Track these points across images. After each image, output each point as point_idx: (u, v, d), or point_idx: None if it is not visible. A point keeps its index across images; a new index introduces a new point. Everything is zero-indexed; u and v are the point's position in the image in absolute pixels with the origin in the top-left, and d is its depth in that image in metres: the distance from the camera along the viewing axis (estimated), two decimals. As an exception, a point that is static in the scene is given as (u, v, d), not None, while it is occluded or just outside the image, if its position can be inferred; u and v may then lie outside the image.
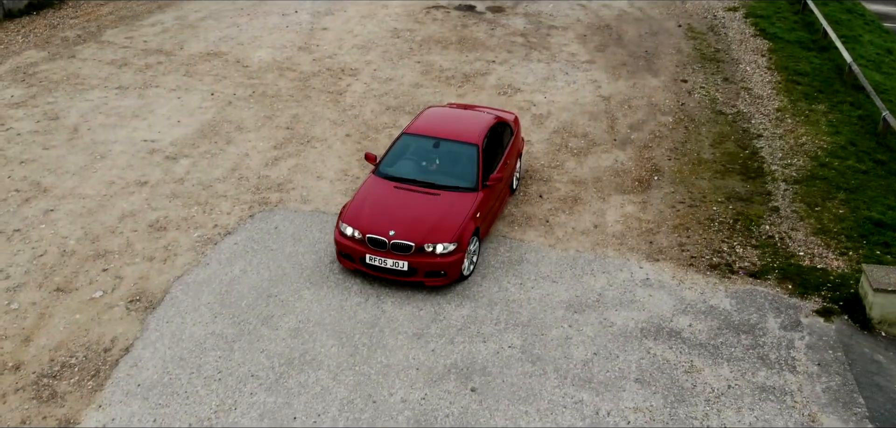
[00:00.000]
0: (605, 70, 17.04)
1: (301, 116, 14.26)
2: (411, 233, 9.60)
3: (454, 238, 9.60)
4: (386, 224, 9.71)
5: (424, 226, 9.69)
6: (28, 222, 10.82)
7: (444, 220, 9.79)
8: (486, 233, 10.65)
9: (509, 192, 11.77)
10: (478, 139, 10.88)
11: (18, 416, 7.70)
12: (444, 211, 9.91)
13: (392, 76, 16.19)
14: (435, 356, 8.70)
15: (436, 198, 10.14)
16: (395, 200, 10.11)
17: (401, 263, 9.52)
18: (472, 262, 10.07)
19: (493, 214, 10.85)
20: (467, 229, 9.79)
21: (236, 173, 12.27)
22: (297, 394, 8.11)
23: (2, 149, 12.72)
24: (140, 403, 7.91)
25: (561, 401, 8.15)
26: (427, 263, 9.49)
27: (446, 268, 9.54)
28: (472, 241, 9.90)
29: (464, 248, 9.65)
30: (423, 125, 11.36)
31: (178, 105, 14.48)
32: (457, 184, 10.41)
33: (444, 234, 9.62)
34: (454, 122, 11.49)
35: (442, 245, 9.51)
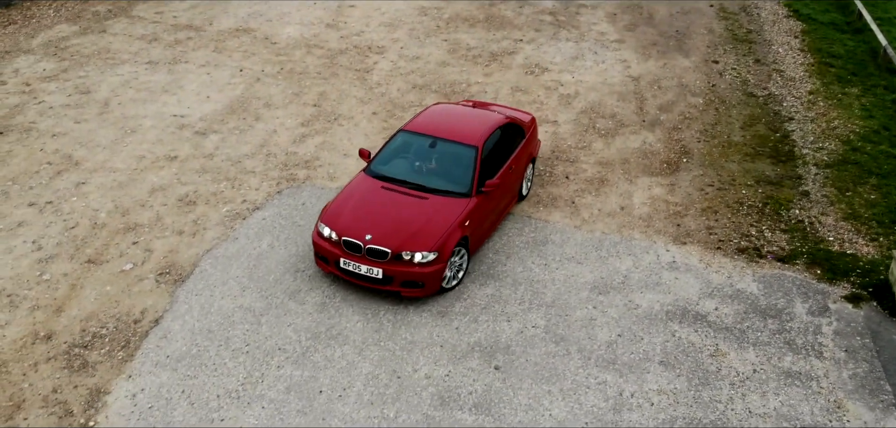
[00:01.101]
0: (635, 50, 16.87)
1: (328, 94, 14.31)
2: (389, 238, 8.96)
3: (434, 247, 8.92)
4: (364, 227, 9.10)
5: (404, 232, 9.03)
6: (60, 195, 11.00)
7: (427, 226, 9.11)
8: (479, 243, 9.92)
9: (516, 199, 11.07)
10: (477, 141, 10.14)
11: (50, 384, 7.88)
12: (428, 217, 9.23)
13: (419, 54, 16.17)
14: (459, 334, 8.74)
15: (423, 202, 9.47)
16: (379, 202, 9.50)
17: (375, 270, 8.91)
18: (455, 274, 9.38)
19: (489, 223, 10.09)
20: (451, 239, 9.08)
21: (264, 150, 12.37)
22: (323, 367, 8.20)
23: (34, 122, 12.93)
24: (169, 373, 8.06)
25: (584, 381, 8.17)
26: (403, 271, 8.84)
27: (424, 279, 8.88)
28: (457, 251, 9.24)
29: (445, 258, 8.97)
30: (422, 123, 10.63)
31: (207, 81, 14.61)
32: (448, 188, 9.71)
33: (423, 242, 8.95)
34: (456, 121, 10.69)
35: (421, 254, 8.86)
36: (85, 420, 7.48)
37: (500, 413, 7.74)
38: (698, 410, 7.86)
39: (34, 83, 14.28)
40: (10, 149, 12.12)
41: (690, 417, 7.78)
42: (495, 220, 10.36)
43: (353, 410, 7.71)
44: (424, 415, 7.68)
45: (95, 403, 7.68)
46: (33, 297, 9.08)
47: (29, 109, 13.33)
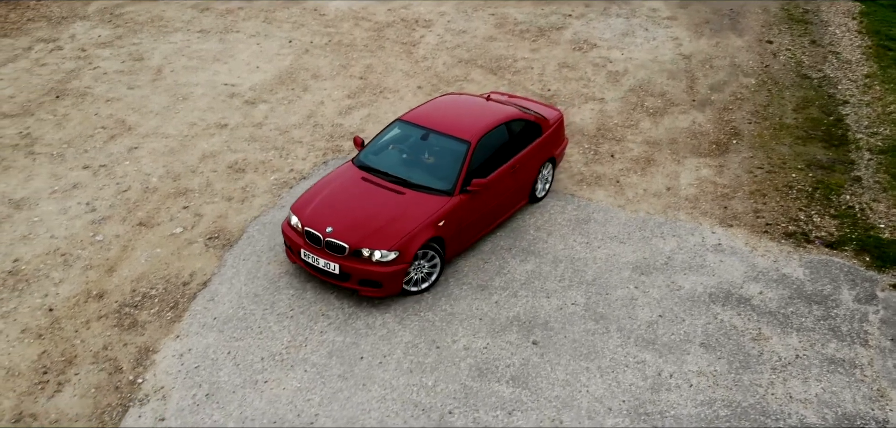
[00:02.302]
0: (687, 27, 16.57)
1: (374, 67, 14.40)
2: (349, 233, 8.51)
3: (395, 246, 8.41)
4: (328, 219, 8.70)
5: (367, 227, 8.56)
6: (113, 159, 11.33)
7: (393, 223, 8.60)
8: (462, 246, 9.34)
9: (526, 201, 10.46)
10: (471, 136, 9.45)
11: (101, 341, 8.17)
12: (398, 213, 8.73)
13: (465, 28, 16.14)
14: (498, 308, 8.80)
15: (398, 197, 8.96)
16: (352, 194, 9.06)
17: (333, 264, 8.51)
18: (425, 277, 8.90)
19: (478, 226, 9.51)
20: (417, 239, 8.55)
21: (311, 120, 12.53)
22: (364, 334, 8.35)
23: (89, 87, 13.29)
24: (216, 335, 8.29)
25: (623, 360, 8.16)
26: (361, 269, 8.39)
27: (382, 279, 8.39)
28: (424, 253, 8.73)
29: (407, 259, 8.47)
30: (420, 113, 10.06)
31: (257, 51, 14.81)
32: (430, 184, 9.14)
33: (384, 239, 8.44)
34: (455, 113, 10.02)
35: (380, 252, 8.37)
36: (133, 377, 7.75)
37: (537, 387, 7.79)
38: (738, 393, 7.81)
39: (90, 49, 14.66)
40: (66, 113, 12.50)
41: (729, 399, 7.73)
42: (488, 222, 9.72)
43: (392, 376, 7.84)
44: (462, 385, 7.77)
45: (144, 362, 7.95)
46: (87, 257, 9.39)
47: (84, 74, 13.71)
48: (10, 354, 7.91)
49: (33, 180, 10.75)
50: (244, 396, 7.56)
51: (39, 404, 7.40)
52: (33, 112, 12.49)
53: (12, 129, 12.00)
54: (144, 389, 7.63)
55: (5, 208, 10.13)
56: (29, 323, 8.34)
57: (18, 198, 10.36)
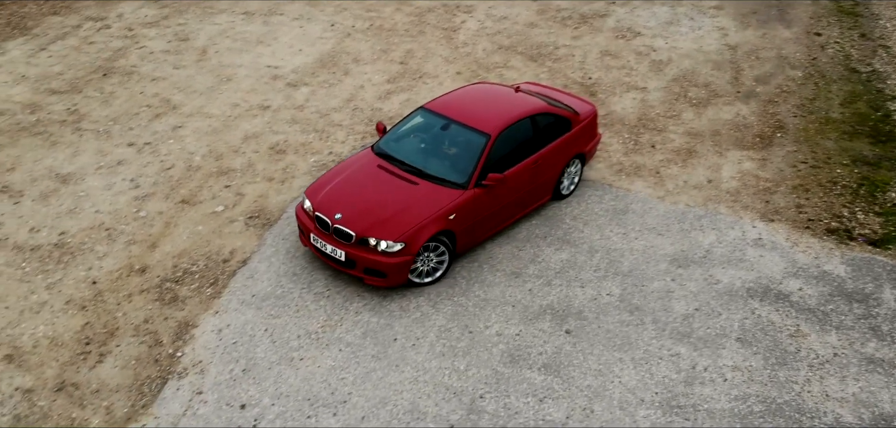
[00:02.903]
0: (734, 17, 16.28)
1: (415, 52, 14.44)
2: (357, 221, 8.47)
3: (401, 237, 8.34)
4: (339, 205, 8.68)
5: (375, 216, 8.50)
6: (158, 137, 11.56)
7: (402, 214, 8.51)
8: (475, 241, 9.22)
9: (549, 197, 10.21)
10: (491, 129, 9.24)
11: (142, 315, 8.38)
12: (409, 204, 8.63)
13: (507, 14, 16.07)
14: (531, 296, 8.80)
15: (412, 187, 8.86)
16: (366, 181, 9.01)
17: (339, 251, 8.50)
18: (431, 268, 8.81)
19: (494, 221, 9.36)
20: (425, 231, 8.44)
21: (351, 104, 12.63)
22: (398, 317, 8.43)
23: (136, 66, 13.57)
24: (254, 312, 8.44)
25: (657, 352, 8.11)
26: (366, 258, 8.36)
27: (387, 269, 8.34)
28: (432, 245, 8.64)
29: (413, 251, 8.39)
30: (444, 102, 9.89)
31: (300, 34, 14.96)
32: (445, 175, 9.00)
33: (391, 230, 8.37)
34: (478, 104, 9.81)
35: (386, 242, 8.31)
36: (173, 350, 7.94)
37: (569, 376, 7.79)
38: (773, 390, 7.71)
39: (136, 28, 14.95)
40: (113, 90, 12.78)
41: (764, 395, 7.64)
42: (505, 218, 9.55)
43: (425, 358, 7.91)
44: (494, 370, 7.81)
45: (183, 336, 8.13)
46: (130, 232, 9.62)
47: (131, 53, 14.00)
48: (54, 325, 8.16)
49: (80, 156, 11.03)
50: (280, 373, 7.70)
51: (81, 374, 7.63)
52: (81, 89, 12.81)
53: (60, 105, 12.32)
54: (183, 362, 7.81)
55: (53, 183, 10.42)
56: (73, 295, 8.58)
57: (65, 173, 10.65)
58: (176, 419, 7.19)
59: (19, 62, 13.63)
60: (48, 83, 12.95)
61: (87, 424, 7.10)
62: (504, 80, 13.43)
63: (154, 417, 7.20)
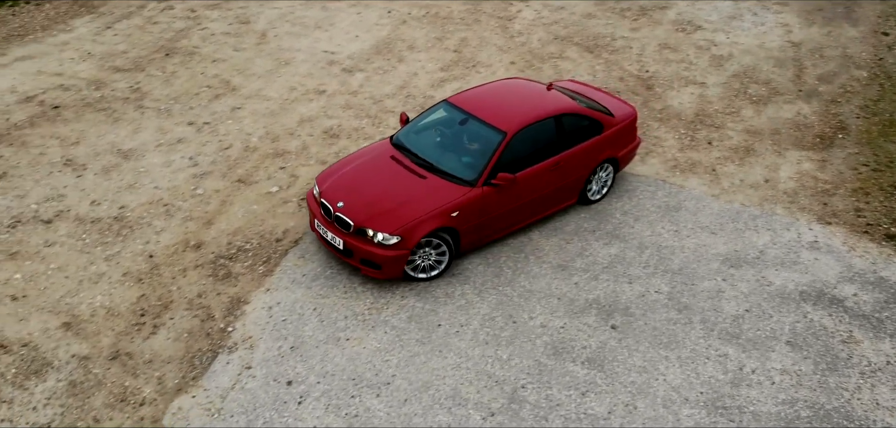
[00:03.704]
0: (799, 14, 15.84)
1: (469, 40, 14.45)
2: (358, 211, 8.43)
3: (397, 231, 8.25)
4: (344, 193, 8.65)
5: (377, 207, 8.43)
6: (217, 117, 11.84)
7: (403, 207, 8.42)
8: (481, 239, 9.02)
9: (573, 200, 9.93)
10: (509, 127, 8.98)
11: (196, 289, 8.62)
12: (411, 198, 8.52)
13: (564, 4, 15.94)
14: (577, 289, 8.76)
15: (419, 181, 8.73)
16: (375, 171, 8.95)
17: (338, 239, 8.51)
18: (432, 266, 8.71)
19: (505, 222, 9.15)
20: (423, 227, 8.32)
21: (404, 91, 12.71)
22: (443, 303, 8.50)
23: (197, 47, 13.90)
24: (303, 291, 8.61)
25: (704, 352, 8.00)
26: (362, 248, 8.32)
27: (382, 262, 8.28)
28: (433, 242, 8.54)
29: (409, 245, 8.29)
30: (467, 96, 9.69)
31: (357, 20, 15.11)
32: (454, 172, 8.82)
33: (389, 223, 8.29)
34: (502, 100, 9.54)
35: (382, 234, 8.24)
36: (224, 325, 8.16)
37: (613, 371, 7.75)
38: (822, 395, 7.53)
39: (199, 10, 15.30)
40: (175, 70, 13.13)
41: (812, 401, 7.47)
42: (521, 218, 9.32)
43: (468, 346, 7.96)
44: (536, 361, 7.81)
45: (235, 311, 8.34)
46: (187, 208, 9.89)
47: (193, 34, 14.35)
48: (111, 296, 8.47)
49: (141, 133, 11.38)
50: (326, 352, 7.84)
51: (135, 344, 7.90)
52: (144, 68, 13.19)
53: (124, 82, 12.71)
54: (234, 337, 8.02)
55: (114, 158, 10.78)
56: (130, 267, 8.88)
57: (127, 149, 10.99)
58: (224, 392, 7.39)
59: (86, 39, 14.11)
60: (113, 61, 13.37)
61: (139, 392, 7.36)
62: (559, 72, 13.34)
63: (203, 390, 7.41)
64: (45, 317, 8.11)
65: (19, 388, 7.33)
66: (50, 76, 12.80)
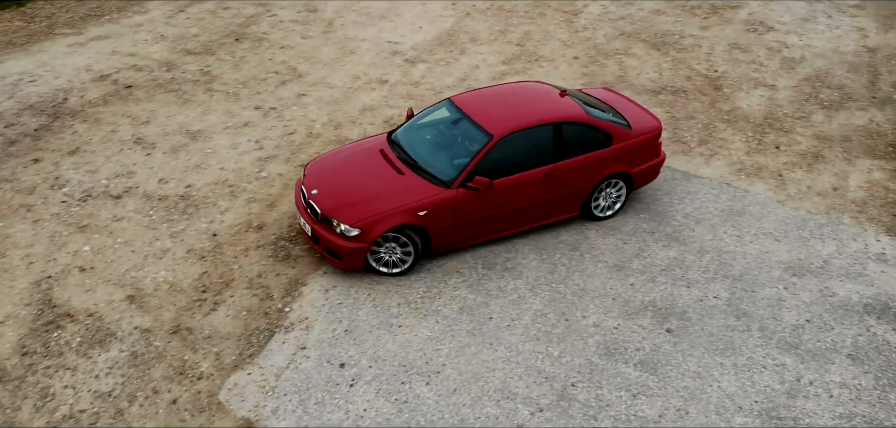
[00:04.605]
0: (875, 18, 15.26)
1: (533, 34, 14.38)
2: (327, 200, 8.52)
3: (357, 223, 8.29)
4: (322, 181, 8.78)
5: (345, 199, 8.49)
6: (283, 102, 12.08)
7: (369, 201, 8.42)
8: (457, 241, 8.90)
9: (575, 213, 9.54)
10: (497, 130, 8.73)
11: (256, 269, 8.83)
12: (382, 193, 8.51)
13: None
14: (633, 290, 8.67)
15: (396, 177, 8.70)
16: (360, 164, 8.98)
17: (307, 225, 8.68)
18: (397, 260, 8.68)
19: (486, 224, 8.94)
20: (384, 222, 8.31)
21: (465, 83, 12.74)
22: (495, 296, 8.51)
23: (266, 33, 14.19)
24: (359, 276, 8.74)
25: (761, 360, 7.82)
26: (326, 237, 8.42)
27: (342, 252, 8.36)
28: (397, 238, 8.51)
29: (369, 239, 8.31)
30: (469, 96, 9.51)
31: (421, 11, 15.19)
32: (432, 171, 8.72)
33: (350, 214, 8.34)
34: (503, 102, 9.27)
35: (344, 226, 8.32)
36: (282, 305, 8.35)
37: (666, 375, 7.64)
38: (881, 411, 7.28)
39: (271, -2, 15.64)
40: (244, 55, 13.44)
41: (871, 416, 7.23)
42: (508, 225, 9.12)
43: (519, 340, 7.96)
44: (588, 361, 7.76)
45: (293, 292, 8.52)
46: (251, 190, 10.14)
47: (263, 21, 14.66)
48: (174, 271, 8.75)
49: (209, 115, 11.70)
50: (379, 337, 7.95)
51: (195, 320, 8.15)
52: (214, 52, 13.54)
53: (194, 65, 13.08)
54: (291, 317, 8.19)
55: (183, 138, 11.11)
56: (194, 245, 9.15)
57: (195, 130, 11.32)
58: (279, 371, 7.57)
59: (159, 22, 14.56)
60: (184, 44, 13.77)
61: (197, 367, 7.60)
62: (623, 69, 13.18)
63: (259, 367, 7.60)
64: (111, 289, 8.44)
65: (83, 356, 7.65)
66: (124, 56, 13.27)
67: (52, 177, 10.13)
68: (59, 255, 8.84)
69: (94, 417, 7.03)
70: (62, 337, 7.81)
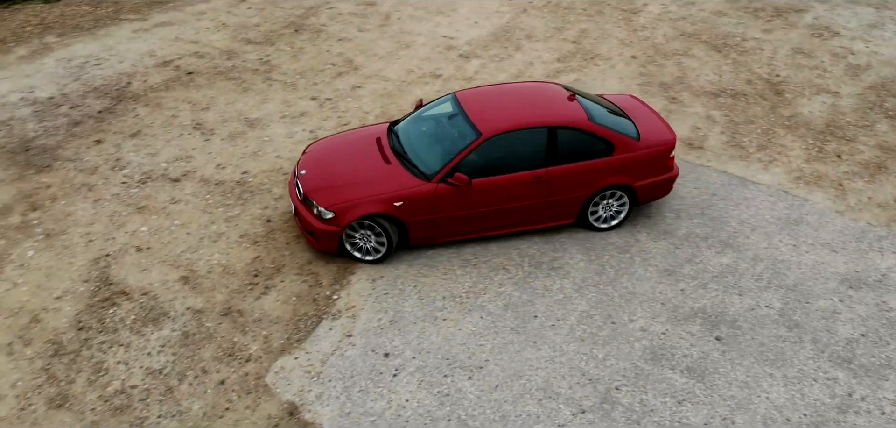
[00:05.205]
0: (950, 26, 14.70)
1: (590, 32, 14.24)
2: (312, 180, 8.76)
3: (332, 207, 8.47)
4: (314, 163, 9.03)
5: (327, 182, 8.69)
6: (338, 94, 12.24)
7: (348, 187, 8.58)
8: (436, 235, 8.91)
9: (570, 220, 9.32)
10: (487, 129, 8.65)
11: (307, 256, 8.96)
12: (363, 179, 8.63)
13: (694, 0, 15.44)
14: (683, 296, 8.53)
15: (382, 166, 8.80)
16: (354, 149, 9.13)
17: (292, 204, 9.04)
18: (371, 248, 8.78)
19: (468, 222, 8.91)
20: (358, 209, 8.42)
21: (519, 80, 12.70)
22: (541, 295, 8.49)
23: (325, 25, 14.38)
24: (405, 267, 8.81)
25: (812, 373, 7.63)
26: (305, 217, 8.69)
27: (317, 234, 8.60)
28: (372, 226, 8.60)
29: (342, 223, 8.46)
30: (472, 93, 9.40)
31: (477, 7, 15.19)
32: (416, 163, 8.77)
33: (327, 198, 8.54)
34: (502, 101, 9.13)
35: (320, 208, 8.53)
36: (330, 292, 8.47)
37: (713, 383, 7.51)
38: (941, 435, 7.04)
39: (331, -10, 15.84)
40: (302, 46, 13.65)
41: (930, 440, 7.00)
42: (494, 225, 9.05)
43: (563, 340, 7.92)
44: (633, 365, 7.68)
45: (341, 280, 8.64)
46: (304, 179, 10.30)
47: (322, 13, 14.85)
48: (228, 255, 8.95)
49: (267, 104, 11.92)
50: (423, 329, 8.01)
51: (246, 303, 8.33)
52: (274, 42, 13.78)
53: (254, 55, 13.34)
54: (338, 305, 8.31)
55: (241, 125, 11.35)
56: (248, 230, 9.35)
57: (253, 118, 11.55)
58: (325, 357, 7.69)
59: (221, 11, 14.88)
60: (245, 33, 14.05)
61: (245, 349, 7.77)
62: (682, 69, 12.96)
63: (306, 352, 7.74)
64: (166, 269, 8.69)
65: (137, 333, 7.89)
66: (186, 43, 13.61)
67: (114, 158, 10.47)
68: (117, 234, 9.13)
69: (145, 394, 7.26)
70: (117, 314, 8.07)
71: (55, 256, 8.78)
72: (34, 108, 11.53)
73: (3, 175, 10.04)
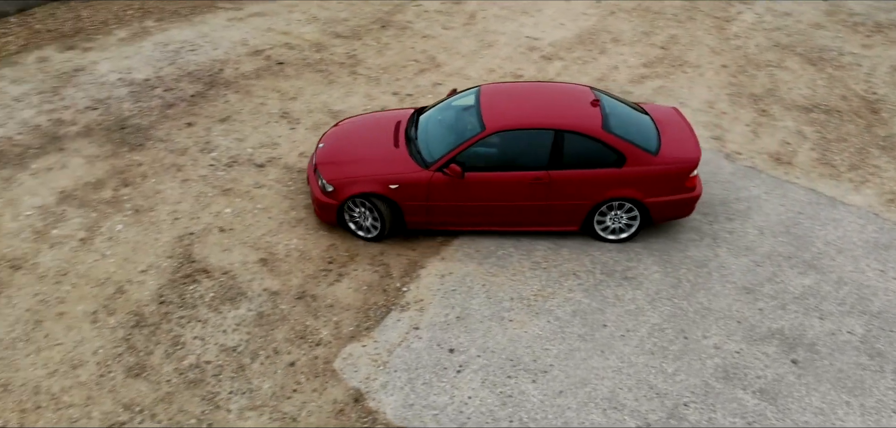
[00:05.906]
0: None
1: (679, 38, 13.93)
2: (324, 153, 9.32)
3: (332, 181, 8.94)
4: (334, 138, 9.56)
5: (336, 157, 9.20)
6: (419, 90, 12.37)
7: (351, 164, 9.01)
8: (430, 222, 9.06)
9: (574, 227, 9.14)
10: (492, 125, 8.66)
11: (379, 248, 9.12)
12: (367, 159, 9.02)
13: (790, 10, 14.89)
14: (761, 316, 8.27)
15: (389, 148, 9.13)
16: (374, 130, 9.55)
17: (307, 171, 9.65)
18: (368, 226, 9.11)
19: (465, 214, 8.98)
20: (355, 186, 8.80)
21: (601, 84, 12.54)
22: (611, 304, 8.38)
23: (411, 22, 14.55)
24: (475, 266, 8.85)
25: (892, 404, 7.28)
26: (312, 187, 9.25)
27: (319, 205, 9.12)
28: (367, 204, 8.88)
29: (339, 198, 8.87)
30: (496, 88, 9.39)
31: (564, 8, 15.07)
32: (420, 150, 8.99)
33: (330, 171, 9.03)
34: (520, 100, 9.05)
35: (325, 180, 8.99)
36: (400, 284, 8.60)
37: (786, 407, 7.27)
38: None
39: (418, -13, 16.01)
40: (388, 42, 13.85)
41: None
42: (492, 220, 9.07)
43: (632, 352, 7.81)
44: (704, 382, 7.50)
45: (411, 273, 8.76)
46: (381, 171, 10.46)
47: (408, 10, 15.03)
48: (305, 241, 9.19)
49: (351, 96, 12.16)
50: (489, 328, 8.03)
51: (320, 288, 8.54)
52: (361, 37, 14.04)
53: (342, 49, 13.62)
54: (407, 297, 8.43)
55: (325, 116, 11.62)
56: (325, 218, 9.59)
57: (337, 110, 11.81)
58: (392, 347, 7.81)
59: (312, 4, 15.25)
60: (334, 27, 14.36)
61: (317, 333, 7.97)
62: (774, 82, 12.53)
63: (373, 341, 7.88)
64: (246, 251, 8.99)
65: (214, 311, 8.20)
66: (278, 34, 14.02)
67: (203, 141, 10.89)
68: (202, 214, 9.50)
69: (218, 370, 7.54)
70: (197, 291, 8.41)
71: (142, 231, 9.21)
72: (131, 88, 12.11)
73: (98, 151, 10.59)
